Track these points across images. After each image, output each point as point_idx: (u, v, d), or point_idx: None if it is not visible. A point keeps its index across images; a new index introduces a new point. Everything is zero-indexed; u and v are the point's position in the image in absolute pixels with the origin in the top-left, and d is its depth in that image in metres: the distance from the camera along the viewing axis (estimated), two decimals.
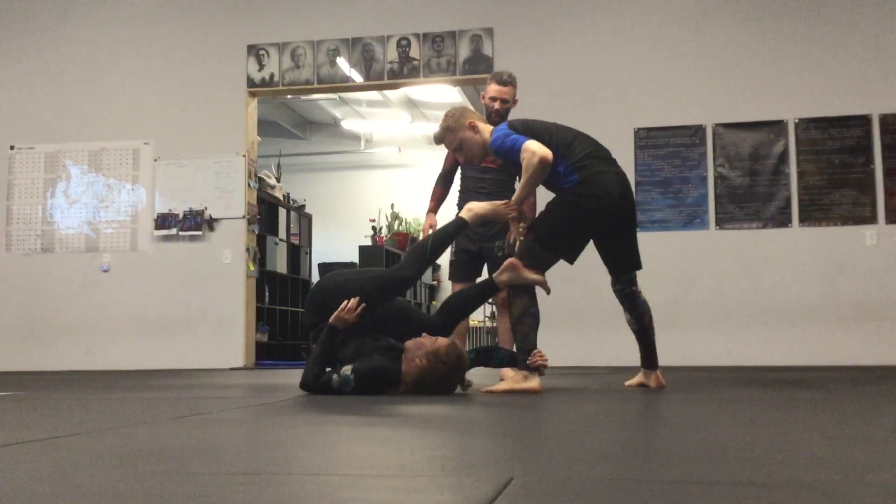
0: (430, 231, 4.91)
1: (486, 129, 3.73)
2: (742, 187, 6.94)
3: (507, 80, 4.66)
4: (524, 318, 3.54)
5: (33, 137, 8.08)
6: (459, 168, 4.90)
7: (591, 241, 3.73)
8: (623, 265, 3.76)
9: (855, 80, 6.89)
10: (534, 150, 3.46)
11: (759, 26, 7.10)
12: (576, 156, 3.55)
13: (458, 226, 3.72)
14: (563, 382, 4.40)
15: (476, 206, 3.69)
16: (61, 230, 7.93)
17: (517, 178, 4.28)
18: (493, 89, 4.65)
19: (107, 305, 7.74)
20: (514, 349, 3.68)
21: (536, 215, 3.85)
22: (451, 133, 3.74)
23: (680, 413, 2.75)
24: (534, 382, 3.48)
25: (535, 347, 3.52)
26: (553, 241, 3.55)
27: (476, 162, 3.98)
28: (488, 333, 11.68)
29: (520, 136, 3.55)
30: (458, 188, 4.88)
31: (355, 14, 7.72)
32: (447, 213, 4.95)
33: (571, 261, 3.66)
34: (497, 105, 4.62)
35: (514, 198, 3.65)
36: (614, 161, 3.68)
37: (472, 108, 4.36)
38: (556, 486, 1.38)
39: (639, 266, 3.79)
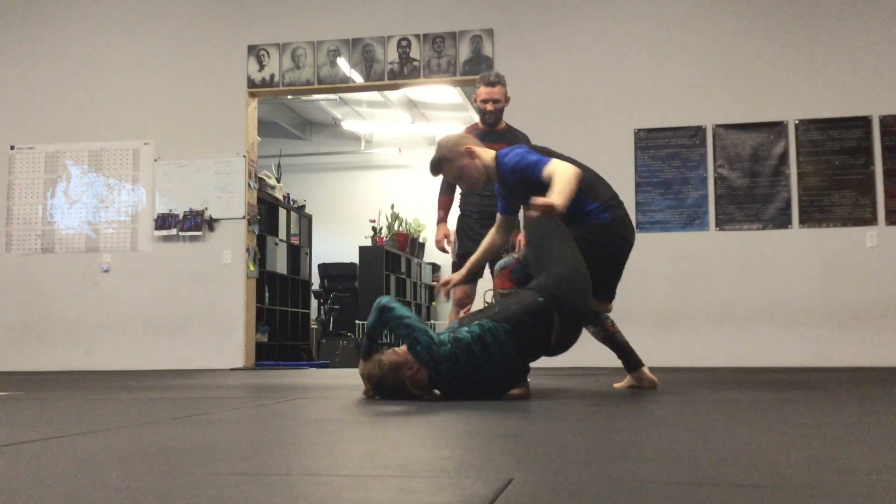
0: (446, 241, 4.81)
1: (486, 153, 3.56)
2: (742, 188, 6.95)
3: (495, 80, 4.66)
4: None
5: (33, 137, 8.09)
6: None
7: None
8: (600, 294, 3.66)
9: (855, 81, 6.89)
10: (564, 164, 3.31)
11: (760, 27, 7.10)
12: (602, 197, 3.52)
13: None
14: (562, 383, 4.40)
15: None
16: (61, 230, 7.93)
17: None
18: (483, 92, 4.66)
19: (107, 306, 7.74)
20: None
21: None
22: (447, 162, 3.59)
23: (679, 414, 2.75)
24: (522, 387, 3.46)
25: None
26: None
27: (478, 188, 3.74)
28: None
29: (542, 156, 3.42)
30: (459, 190, 4.88)
31: (356, 14, 7.73)
32: (453, 217, 4.94)
33: None
34: (489, 107, 4.63)
35: (556, 205, 3.12)
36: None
37: (471, 111, 4.30)
38: (556, 487, 1.38)
39: None
